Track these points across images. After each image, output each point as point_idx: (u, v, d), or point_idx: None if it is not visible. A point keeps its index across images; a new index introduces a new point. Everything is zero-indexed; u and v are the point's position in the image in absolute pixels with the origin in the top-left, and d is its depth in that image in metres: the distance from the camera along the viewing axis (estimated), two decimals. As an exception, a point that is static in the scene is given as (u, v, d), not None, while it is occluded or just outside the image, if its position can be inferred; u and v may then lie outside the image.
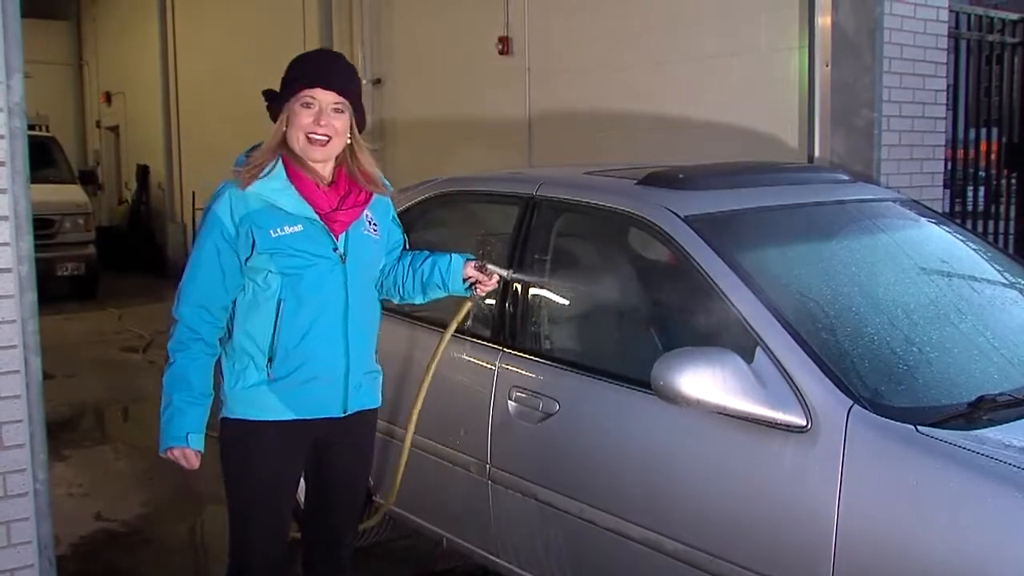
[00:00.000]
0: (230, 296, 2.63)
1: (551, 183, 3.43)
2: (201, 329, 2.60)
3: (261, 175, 2.59)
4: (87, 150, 18.23)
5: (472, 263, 2.85)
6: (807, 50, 5.17)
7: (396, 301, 2.95)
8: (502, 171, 4.14)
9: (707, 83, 5.85)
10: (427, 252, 2.90)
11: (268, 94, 2.68)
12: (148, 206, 15.00)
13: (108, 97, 16.77)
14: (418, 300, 2.93)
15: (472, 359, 3.27)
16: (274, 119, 2.66)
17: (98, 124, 17.60)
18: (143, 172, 15.03)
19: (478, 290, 2.86)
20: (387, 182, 2.84)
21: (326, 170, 2.68)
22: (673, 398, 2.47)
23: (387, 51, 8.69)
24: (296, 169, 2.62)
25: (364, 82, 2.46)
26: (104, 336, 9.39)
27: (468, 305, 2.97)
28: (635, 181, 3.24)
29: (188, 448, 2.58)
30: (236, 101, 11.89)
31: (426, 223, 3.78)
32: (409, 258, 2.90)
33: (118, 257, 13.94)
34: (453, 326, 3.03)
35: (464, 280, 2.85)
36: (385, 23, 8.77)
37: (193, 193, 13.02)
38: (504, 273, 2.87)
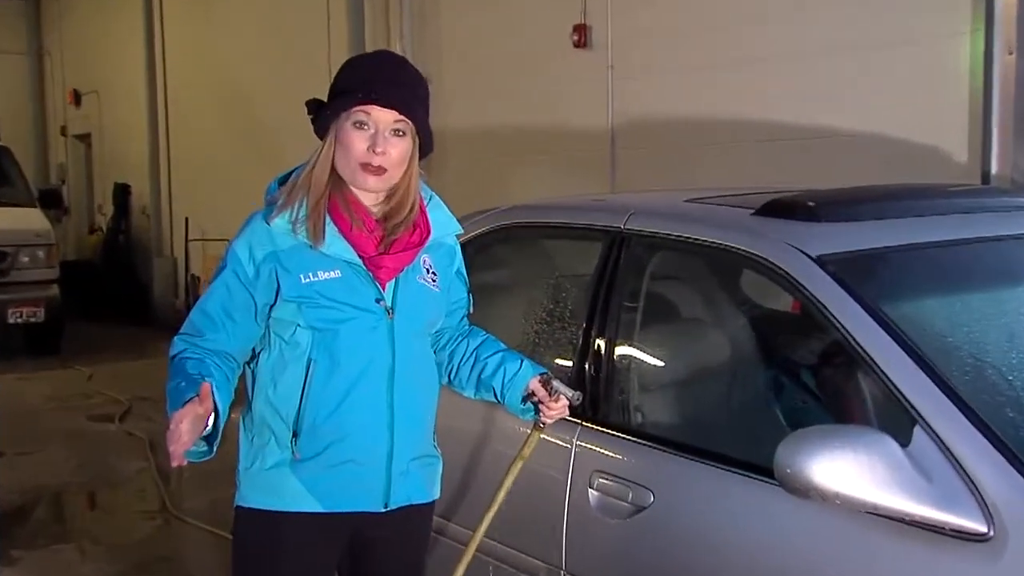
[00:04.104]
0: (236, 345, 2.69)
1: (643, 213, 3.46)
2: (197, 351, 2.62)
3: (291, 206, 2.64)
4: (49, 164, 18.63)
5: (539, 377, 2.81)
6: (983, 34, 5.15)
7: (442, 382, 2.96)
8: (580, 197, 4.19)
9: (845, 81, 5.85)
10: (501, 345, 2.93)
11: (313, 105, 2.71)
12: (128, 236, 15.26)
13: (77, 97, 17.14)
14: (467, 393, 2.96)
15: (543, 435, 3.29)
16: (320, 136, 2.69)
17: (63, 131, 17.99)
18: (122, 193, 15.30)
19: (543, 416, 2.83)
20: (455, 220, 2.88)
21: (377, 200, 2.72)
22: (804, 490, 2.46)
23: (433, 46, 8.82)
24: (336, 203, 2.66)
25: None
26: (69, 401, 9.54)
27: (535, 436, 2.91)
28: (751, 211, 3.26)
29: (204, 384, 2.45)
30: (241, 106, 12.18)
31: (483, 264, 3.82)
32: (478, 340, 2.93)
33: (88, 300, 14.17)
34: (518, 465, 2.94)
35: (525, 398, 2.83)
36: (430, 12, 8.91)
37: (187, 220, 13.19)
38: (570, 395, 2.81)
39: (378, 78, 2.64)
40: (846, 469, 2.41)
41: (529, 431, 2.91)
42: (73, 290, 12.89)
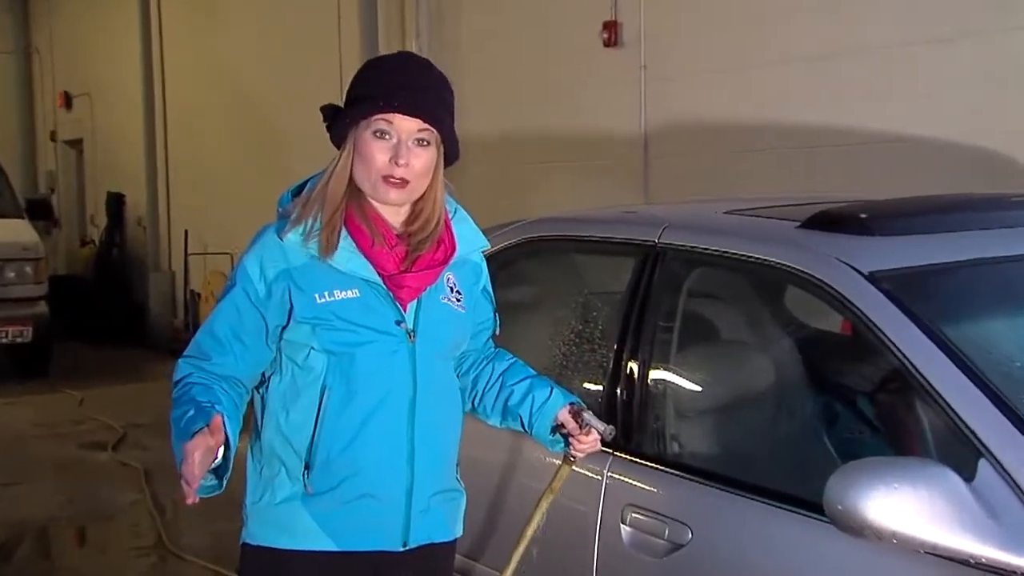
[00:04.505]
0: (246, 370, 2.69)
1: (679, 226, 3.47)
2: (204, 376, 2.62)
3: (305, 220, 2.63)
4: (37, 171, 18.72)
5: (570, 407, 2.81)
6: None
7: (465, 409, 2.95)
8: (611, 209, 4.18)
9: (898, 81, 5.84)
10: (530, 370, 2.93)
11: (329, 111, 2.71)
12: (123, 249, 15.33)
13: (67, 99, 17.24)
14: (492, 422, 2.95)
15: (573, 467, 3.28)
16: (337, 145, 2.69)
17: (53, 136, 18.10)
18: (116, 203, 15.39)
19: (573, 448, 2.82)
20: (482, 234, 2.89)
21: (399, 213, 2.72)
22: (857, 528, 2.45)
23: (451, 46, 8.86)
24: (354, 217, 2.66)
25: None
26: (58, 428, 9.56)
27: (565, 470, 2.91)
28: (797, 223, 3.26)
29: (215, 416, 2.44)
30: (246, 109, 12.23)
31: (508, 281, 3.82)
32: (505, 365, 2.93)
33: (79, 318, 14.22)
34: (548, 500, 2.95)
35: (554, 429, 2.83)
36: (448, 8, 8.95)
37: (186, 232, 13.23)
38: (602, 428, 2.81)
39: (401, 83, 2.62)
40: (903, 506, 2.40)
41: (559, 463, 2.90)
42: (63, 308, 12.95)
